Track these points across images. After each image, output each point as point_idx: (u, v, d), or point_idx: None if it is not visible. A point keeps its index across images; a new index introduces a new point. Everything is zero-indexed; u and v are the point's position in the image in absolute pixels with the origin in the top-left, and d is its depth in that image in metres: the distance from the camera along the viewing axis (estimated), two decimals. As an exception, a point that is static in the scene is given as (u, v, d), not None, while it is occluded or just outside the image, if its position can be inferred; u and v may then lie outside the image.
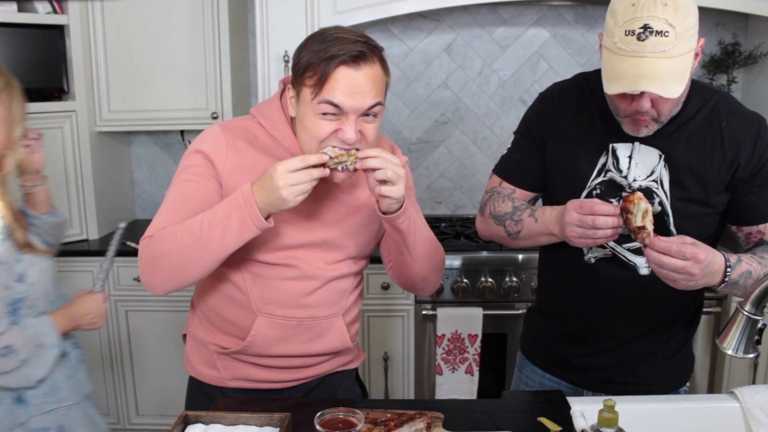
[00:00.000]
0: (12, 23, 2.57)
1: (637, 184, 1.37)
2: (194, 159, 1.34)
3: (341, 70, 1.21)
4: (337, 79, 1.20)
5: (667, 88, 1.19)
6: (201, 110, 2.78)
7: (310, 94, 1.23)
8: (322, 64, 1.21)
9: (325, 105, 1.22)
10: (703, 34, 1.26)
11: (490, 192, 1.55)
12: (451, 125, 3.11)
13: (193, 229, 1.25)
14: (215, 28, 2.74)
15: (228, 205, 1.24)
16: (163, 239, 1.27)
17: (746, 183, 1.36)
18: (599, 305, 1.47)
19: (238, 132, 1.36)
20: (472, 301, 2.56)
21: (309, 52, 1.24)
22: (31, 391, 1.54)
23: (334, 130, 1.24)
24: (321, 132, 1.24)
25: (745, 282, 1.29)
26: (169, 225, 1.29)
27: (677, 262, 1.21)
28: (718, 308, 2.53)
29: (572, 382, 1.56)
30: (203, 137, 1.36)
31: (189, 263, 1.27)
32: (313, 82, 1.22)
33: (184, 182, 1.34)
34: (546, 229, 1.39)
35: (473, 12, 2.99)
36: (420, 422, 1.23)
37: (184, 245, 1.25)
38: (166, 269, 1.28)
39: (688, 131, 1.36)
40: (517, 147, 1.53)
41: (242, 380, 1.45)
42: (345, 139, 1.23)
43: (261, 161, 1.32)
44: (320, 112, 1.23)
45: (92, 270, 2.71)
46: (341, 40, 1.22)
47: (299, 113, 1.29)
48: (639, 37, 1.17)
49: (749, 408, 1.30)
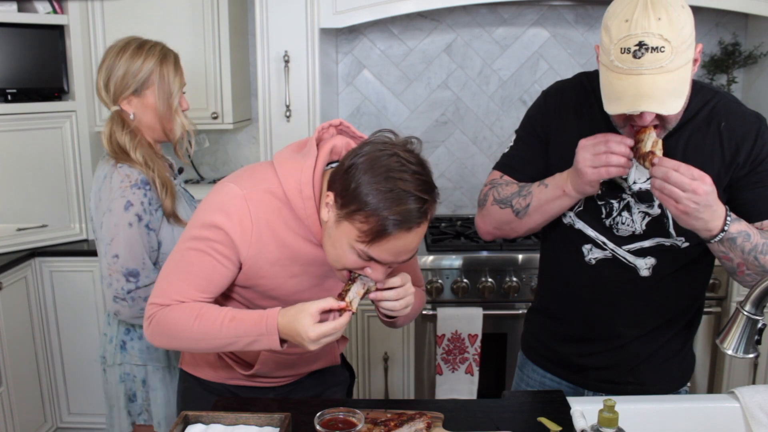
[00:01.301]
0: (12, 23, 2.57)
1: (637, 187, 1.37)
2: (215, 235, 1.23)
3: (398, 235, 1.13)
4: (390, 242, 1.13)
5: (667, 104, 1.18)
6: (201, 110, 2.78)
7: (356, 235, 1.14)
8: (380, 221, 1.11)
9: (365, 254, 1.16)
10: (703, 34, 1.26)
11: (491, 184, 1.52)
12: (451, 125, 3.11)
13: (211, 329, 1.24)
14: (215, 29, 2.73)
15: (251, 325, 1.22)
16: (178, 321, 1.25)
17: (744, 181, 1.35)
18: (600, 306, 1.47)
19: (263, 206, 1.25)
20: (472, 301, 2.56)
21: (369, 186, 1.11)
22: (133, 342, 1.78)
23: (363, 266, 1.20)
24: (350, 264, 1.19)
25: (743, 244, 1.28)
26: (185, 298, 1.26)
27: (684, 178, 1.19)
28: (718, 308, 2.53)
29: (573, 381, 1.56)
30: (224, 208, 1.24)
31: (194, 349, 1.35)
32: (363, 229, 1.12)
33: (202, 254, 1.25)
34: (558, 190, 1.36)
35: (473, 12, 2.99)
36: (420, 422, 1.23)
37: (196, 339, 1.25)
38: (171, 345, 1.31)
39: (687, 133, 1.36)
40: (519, 143, 1.52)
41: (242, 380, 1.49)
42: (373, 277, 1.21)
43: (286, 235, 1.27)
44: (357, 252, 1.16)
45: (92, 270, 2.71)
46: (406, 196, 1.11)
47: (333, 229, 1.19)
48: (635, 55, 1.16)
49: (749, 408, 1.30)
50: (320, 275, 1.34)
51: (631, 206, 1.39)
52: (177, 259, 1.28)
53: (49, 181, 2.75)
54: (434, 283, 2.55)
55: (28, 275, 2.65)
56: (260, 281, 1.31)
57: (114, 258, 1.66)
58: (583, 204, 1.43)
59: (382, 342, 2.65)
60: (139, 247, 1.67)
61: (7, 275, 2.51)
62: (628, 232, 1.40)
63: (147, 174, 1.69)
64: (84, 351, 2.77)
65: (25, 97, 2.66)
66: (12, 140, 2.62)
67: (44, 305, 2.71)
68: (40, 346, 2.71)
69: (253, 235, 1.24)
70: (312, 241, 1.28)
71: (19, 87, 2.63)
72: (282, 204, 1.25)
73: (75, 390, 2.80)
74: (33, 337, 2.67)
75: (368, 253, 1.15)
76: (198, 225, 1.26)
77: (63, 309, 2.73)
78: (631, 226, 1.39)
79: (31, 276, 2.66)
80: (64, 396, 2.80)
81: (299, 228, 1.27)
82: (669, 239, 1.39)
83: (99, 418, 2.84)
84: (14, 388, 2.53)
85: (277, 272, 1.30)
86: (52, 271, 2.71)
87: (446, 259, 2.56)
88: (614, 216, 1.40)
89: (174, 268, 1.28)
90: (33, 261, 2.67)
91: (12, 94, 2.62)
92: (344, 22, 2.52)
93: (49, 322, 2.73)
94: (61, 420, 2.82)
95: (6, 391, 2.48)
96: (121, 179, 1.68)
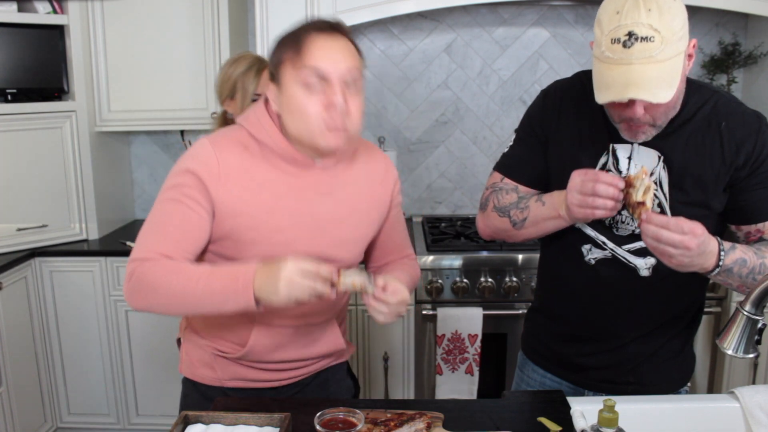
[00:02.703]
0: (12, 23, 2.57)
1: None
2: (186, 179, 1.30)
3: (315, 37, 1.27)
4: (313, 45, 1.26)
5: (656, 93, 1.18)
6: (201, 110, 2.78)
7: (291, 69, 1.26)
8: (297, 37, 1.28)
9: (307, 72, 1.24)
10: (703, 34, 1.26)
11: (491, 188, 1.53)
12: (451, 125, 3.11)
13: (188, 284, 1.24)
14: (215, 28, 2.74)
15: (228, 280, 1.23)
16: (156, 277, 1.26)
17: (745, 181, 1.35)
18: (600, 306, 1.47)
19: (228, 147, 1.33)
20: (472, 301, 2.56)
21: (283, 40, 1.32)
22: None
23: (322, 105, 1.25)
24: (310, 107, 1.25)
25: (740, 270, 1.28)
26: (162, 251, 1.28)
27: (674, 236, 1.20)
28: (718, 308, 2.53)
29: (573, 381, 1.55)
30: (194, 155, 1.33)
31: (174, 309, 1.30)
32: (290, 55, 1.27)
33: (175, 203, 1.30)
34: (554, 211, 1.38)
35: (473, 12, 2.99)
36: (420, 422, 1.23)
37: (174, 294, 1.25)
38: (150, 303, 1.29)
39: (687, 132, 1.35)
40: (519, 143, 1.52)
41: (240, 380, 1.46)
42: (334, 103, 1.25)
43: (253, 166, 1.33)
44: (303, 84, 1.25)
45: (92, 270, 2.71)
46: (311, 22, 1.31)
47: (284, 99, 1.29)
48: (624, 45, 1.17)
49: (749, 408, 1.30)
50: (295, 212, 1.34)
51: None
52: (153, 214, 1.33)
53: (49, 181, 2.75)
54: (434, 283, 2.55)
55: (28, 275, 2.65)
56: (237, 220, 1.31)
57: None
58: None
59: (382, 342, 2.65)
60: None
61: (7, 275, 2.51)
62: (627, 231, 1.40)
63: None
64: (84, 351, 2.77)
65: (25, 97, 2.66)
66: (12, 140, 2.62)
67: (44, 305, 2.71)
68: (40, 346, 2.71)
69: (221, 169, 1.30)
70: (280, 167, 1.33)
71: (19, 87, 2.63)
72: (248, 141, 1.34)
73: (75, 390, 2.80)
74: (33, 337, 2.67)
75: (304, 64, 1.24)
76: (171, 176, 1.33)
77: (63, 309, 2.73)
78: (631, 225, 1.39)
79: (31, 276, 2.67)
80: (64, 396, 2.80)
81: (267, 153, 1.33)
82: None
83: (99, 418, 2.84)
84: (14, 388, 2.53)
85: (249, 202, 1.31)
86: (52, 271, 2.71)
87: (446, 259, 2.56)
88: (614, 214, 1.40)
89: (150, 223, 1.32)
90: (33, 261, 2.67)
91: (12, 94, 2.62)
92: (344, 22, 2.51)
93: (49, 322, 2.73)
94: (61, 420, 2.83)
95: (6, 391, 2.48)
96: None
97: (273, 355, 1.43)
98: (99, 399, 2.81)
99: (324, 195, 1.37)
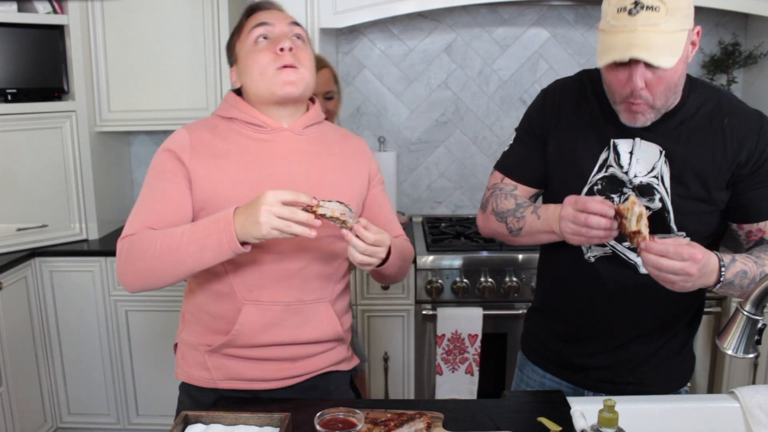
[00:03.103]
0: (12, 23, 2.57)
1: (638, 180, 1.37)
2: (162, 157, 1.40)
3: (256, 9, 1.45)
4: (255, 13, 1.43)
5: (657, 57, 1.19)
6: (201, 110, 2.78)
7: (240, 41, 1.42)
8: (241, 19, 1.45)
9: (253, 33, 1.39)
10: (703, 34, 1.27)
11: (492, 189, 1.53)
12: (451, 125, 3.11)
13: (173, 240, 1.28)
14: (215, 28, 2.73)
15: (209, 224, 1.27)
16: (143, 242, 1.30)
17: (747, 180, 1.35)
18: (599, 304, 1.47)
19: (200, 128, 1.43)
20: (472, 301, 2.56)
21: (232, 31, 1.47)
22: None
23: (271, 52, 1.37)
24: (261, 58, 1.37)
25: (741, 282, 1.29)
26: (146, 224, 1.34)
27: (675, 263, 1.20)
28: (718, 308, 2.53)
29: (573, 382, 1.55)
30: (168, 139, 1.43)
31: (164, 271, 1.30)
32: (238, 32, 1.44)
33: (156, 180, 1.38)
34: (548, 226, 1.38)
35: (473, 12, 2.99)
36: (420, 422, 1.23)
37: (161, 253, 1.28)
38: (141, 271, 1.32)
39: (689, 128, 1.36)
40: (518, 143, 1.52)
41: (234, 380, 1.43)
42: (282, 47, 1.36)
43: (225, 138, 1.41)
44: (252, 44, 1.39)
45: (92, 270, 2.71)
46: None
47: (241, 67, 1.42)
48: (630, 13, 1.19)
49: (749, 408, 1.30)
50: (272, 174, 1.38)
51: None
52: (140, 196, 1.40)
53: (49, 181, 2.75)
54: (434, 283, 2.55)
55: (28, 275, 2.65)
56: (214, 186, 1.35)
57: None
58: None
59: (382, 342, 2.65)
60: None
61: (7, 275, 2.51)
62: None
63: None
64: (84, 351, 2.77)
65: (25, 97, 2.66)
66: (12, 140, 2.62)
67: (44, 305, 2.71)
68: (40, 346, 2.71)
69: (192, 142, 1.39)
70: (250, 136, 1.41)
71: (19, 87, 2.63)
72: (218, 122, 1.44)
73: (75, 390, 2.80)
74: (33, 337, 2.67)
75: (249, 28, 1.40)
76: (150, 165, 1.43)
77: (63, 309, 2.73)
78: None
79: (31, 276, 2.67)
80: (64, 396, 2.80)
81: (237, 130, 1.42)
82: (670, 235, 1.38)
83: (99, 418, 2.84)
84: (14, 388, 2.53)
85: (222, 166, 1.36)
86: (52, 271, 2.71)
87: (446, 259, 2.56)
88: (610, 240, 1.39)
89: (139, 204, 1.39)
90: (33, 261, 2.67)
91: (12, 94, 2.62)
92: (344, 22, 2.52)
93: (49, 322, 2.73)
94: (61, 420, 2.83)
95: (6, 391, 2.48)
96: None
97: (264, 336, 1.40)
98: (99, 399, 2.81)
99: (297, 155, 1.42)
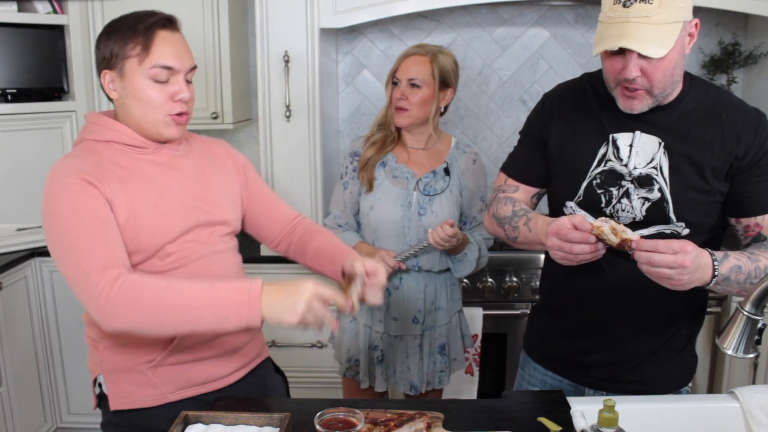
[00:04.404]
0: (12, 23, 2.57)
1: (638, 172, 1.40)
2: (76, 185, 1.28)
3: (162, 34, 1.35)
4: (162, 42, 1.34)
5: (647, 47, 1.23)
6: (201, 110, 2.78)
7: (138, 64, 1.33)
8: (141, 33, 1.33)
9: (157, 70, 1.33)
10: (703, 34, 1.29)
11: (496, 191, 1.60)
12: (451, 125, 3.11)
13: (189, 298, 1.22)
14: (215, 29, 2.73)
15: (231, 292, 1.22)
16: (146, 291, 1.22)
17: (745, 173, 1.37)
18: (600, 300, 1.48)
19: (86, 155, 1.35)
20: (472, 301, 2.56)
21: (118, 32, 1.34)
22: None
23: (168, 96, 1.35)
24: (157, 98, 1.34)
25: (737, 277, 1.29)
26: (116, 254, 1.25)
27: (667, 257, 1.21)
28: (718, 308, 2.53)
29: (574, 380, 1.56)
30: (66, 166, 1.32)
31: (167, 326, 1.24)
32: (137, 51, 1.33)
33: (80, 213, 1.26)
34: (538, 239, 1.42)
35: (473, 12, 2.99)
36: (420, 422, 1.23)
37: (170, 308, 1.21)
38: (140, 319, 1.22)
39: (688, 121, 1.39)
40: (521, 145, 1.59)
41: (185, 388, 1.41)
42: (182, 98, 1.36)
43: (112, 161, 1.35)
44: (151, 78, 1.33)
45: (92, 270, 2.71)
46: (145, 14, 1.37)
47: (127, 88, 1.35)
48: (624, 5, 1.24)
49: (749, 408, 1.30)
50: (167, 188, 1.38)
51: (630, 192, 1.41)
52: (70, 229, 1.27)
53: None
54: (434, 283, 2.55)
55: (28, 275, 2.64)
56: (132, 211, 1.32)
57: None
58: (583, 194, 1.45)
59: (382, 342, 2.64)
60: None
61: (7, 275, 2.51)
62: (628, 219, 1.41)
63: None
64: (84, 351, 2.75)
65: (25, 97, 2.65)
66: (12, 140, 2.62)
67: (44, 305, 2.71)
68: (40, 346, 2.71)
69: (90, 168, 1.31)
70: (133, 155, 1.38)
71: (19, 87, 2.63)
72: (96, 146, 1.37)
73: (75, 390, 2.80)
74: (33, 337, 2.67)
75: (157, 64, 1.32)
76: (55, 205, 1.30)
77: (63, 309, 2.73)
78: (631, 212, 1.41)
79: (31, 276, 2.66)
80: (64, 396, 2.80)
81: (120, 150, 1.38)
82: (669, 226, 1.40)
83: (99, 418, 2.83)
84: (14, 388, 2.53)
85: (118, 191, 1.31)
86: (52, 271, 2.70)
87: (446, 259, 2.55)
88: (614, 203, 1.42)
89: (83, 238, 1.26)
90: (33, 261, 2.67)
91: (12, 94, 2.61)
92: (344, 22, 2.52)
93: (49, 322, 2.73)
94: (61, 420, 2.82)
95: (6, 391, 2.48)
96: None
97: (202, 349, 1.41)
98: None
99: (185, 168, 1.44)
